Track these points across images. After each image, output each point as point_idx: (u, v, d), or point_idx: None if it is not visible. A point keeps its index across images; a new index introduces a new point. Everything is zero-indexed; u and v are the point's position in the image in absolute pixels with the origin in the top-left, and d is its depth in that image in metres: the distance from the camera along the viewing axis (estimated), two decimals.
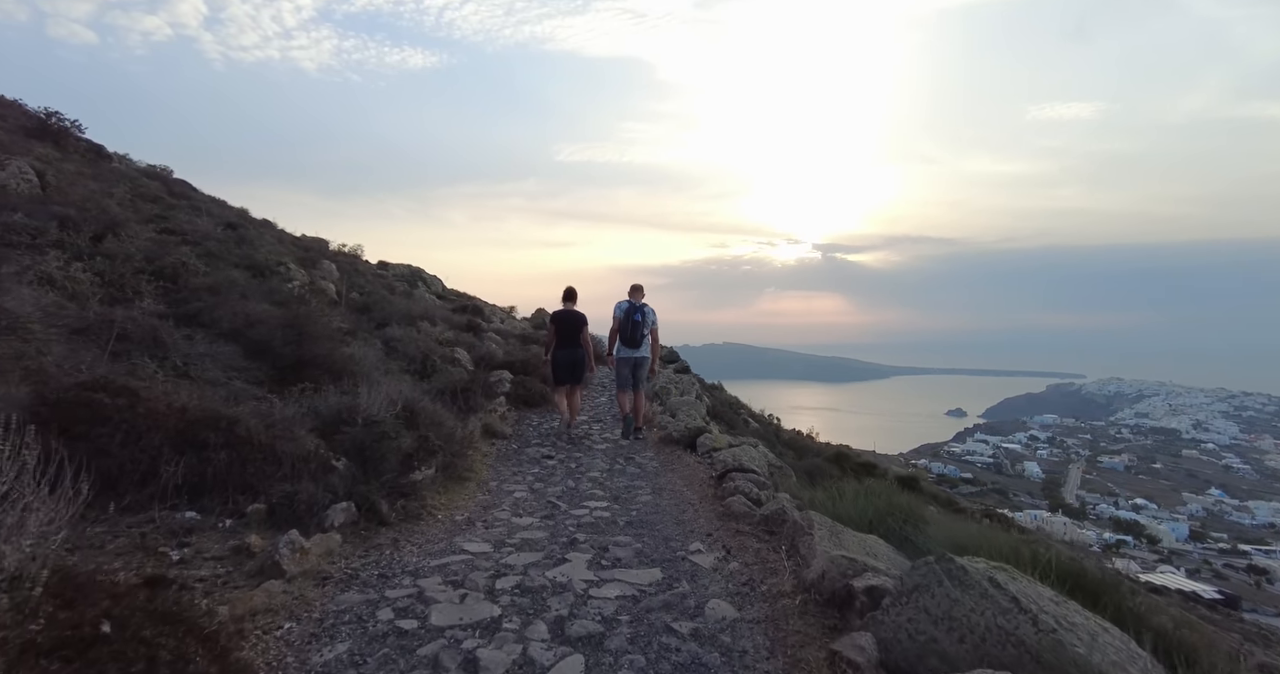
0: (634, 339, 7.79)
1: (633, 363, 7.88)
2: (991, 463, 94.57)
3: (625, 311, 7.81)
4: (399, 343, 10.61)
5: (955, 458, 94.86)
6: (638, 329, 7.73)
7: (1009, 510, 48.72)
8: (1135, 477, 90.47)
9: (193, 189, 16.83)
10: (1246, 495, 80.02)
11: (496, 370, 11.65)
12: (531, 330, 21.06)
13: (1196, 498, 78.35)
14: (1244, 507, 74.63)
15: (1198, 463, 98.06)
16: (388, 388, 7.59)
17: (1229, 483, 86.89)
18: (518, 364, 12.19)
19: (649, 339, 7.90)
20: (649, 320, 7.83)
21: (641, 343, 7.82)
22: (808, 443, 21.58)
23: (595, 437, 8.56)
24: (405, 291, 17.44)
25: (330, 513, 4.31)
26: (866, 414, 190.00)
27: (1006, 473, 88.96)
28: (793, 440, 21.15)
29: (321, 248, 17.31)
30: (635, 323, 7.75)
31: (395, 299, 14.26)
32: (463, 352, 12.42)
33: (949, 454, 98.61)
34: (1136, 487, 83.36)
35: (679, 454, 7.34)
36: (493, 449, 7.61)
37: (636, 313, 7.76)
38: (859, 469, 18.11)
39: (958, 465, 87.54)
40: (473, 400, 9.37)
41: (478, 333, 14.48)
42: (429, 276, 22.09)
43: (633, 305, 7.80)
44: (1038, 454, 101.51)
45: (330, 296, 13.37)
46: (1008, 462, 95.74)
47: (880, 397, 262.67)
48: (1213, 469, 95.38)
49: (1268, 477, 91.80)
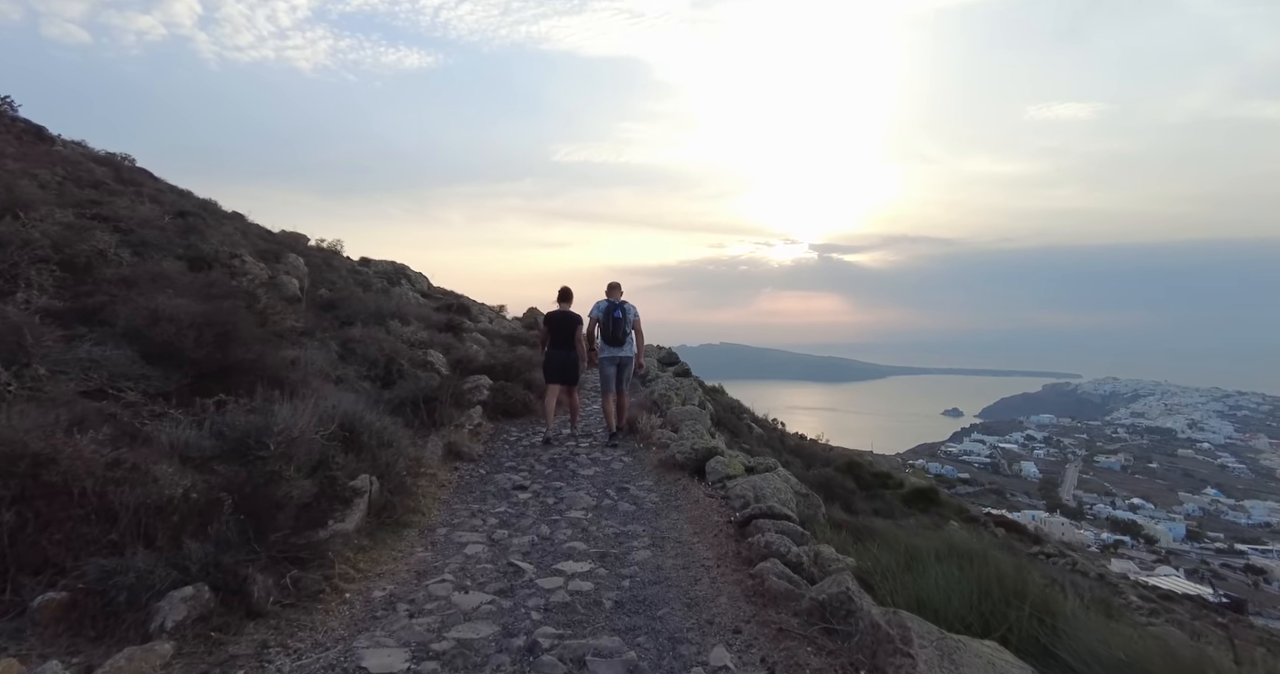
0: (616, 337, 7.41)
1: (617, 362, 7.55)
2: (988, 463, 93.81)
3: (605, 310, 7.45)
4: (358, 345, 9.09)
5: (952, 458, 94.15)
6: (619, 326, 7.37)
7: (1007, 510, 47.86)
8: (1132, 476, 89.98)
9: (151, 177, 15.29)
10: (1242, 495, 79.68)
11: (474, 375, 10.12)
12: (522, 330, 19.54)
13: (1193, 497, 78.01)
14: (1240, 506, 74.51)
15: (1193, 462, 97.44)
16: (323, 399, 6.08)
17: (1224, 482, 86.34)
18: (499, 368, 10.67)
19: (633, 336, 7.56)
20: (630, 317, 7.48)
21: (625, 340, 7.47)
22: (814, 449, 20.04)
23: (582, 458, 7.02)
24: (383, 289, 15.91)
25: (163, 605, 2.79)
26: (864, 414, 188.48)
27: (1003, 473, 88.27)
28: (799, 447, 19.60)
29: (292, 242, 15.77)
30: (616, 320, 7.37)
31: (368, 296, 12.73)
32: (437, 354, 10.89)
33: (946, 454, 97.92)
34: (1133, 486, 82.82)
35: (684, 483, 5.81)
36: (454, 477, 6.08)
37: (616, 310, 7.39)
38: (874, 480, 16.58)
39: (955, 465, 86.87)
40: (439, 412, 7.85)
41: (458, 333, 12.95)
42: (414, 274, 20.54)
43: (612, 303, 7.44)
44: (1034, 454, 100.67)
45: (292, 293, 11.85)
46: (1005, 461, 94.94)
47: (877, 396, 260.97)
48: (1208, 468, 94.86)
49: (1263, 476, 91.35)
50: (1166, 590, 24.26)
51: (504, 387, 9.83)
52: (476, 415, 8.64)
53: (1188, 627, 14.54)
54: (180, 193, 15.36)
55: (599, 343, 7.69)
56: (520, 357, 11.24)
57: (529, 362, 10.99)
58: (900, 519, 14.50)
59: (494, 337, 16.17)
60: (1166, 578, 33.88)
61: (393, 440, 6.21)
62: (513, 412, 9.49)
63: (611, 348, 7.52)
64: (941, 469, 78.90)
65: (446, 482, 5.85)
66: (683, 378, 15.21)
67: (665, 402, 9.50)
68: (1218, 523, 68.88)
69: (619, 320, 7.39)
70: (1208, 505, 75.88)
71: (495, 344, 15.09)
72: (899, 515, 14.57)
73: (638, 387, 13.01)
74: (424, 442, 6.69)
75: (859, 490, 15.17)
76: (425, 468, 5.86)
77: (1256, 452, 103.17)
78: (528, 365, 10.78)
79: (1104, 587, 15.94)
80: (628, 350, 7.57)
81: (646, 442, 7.48)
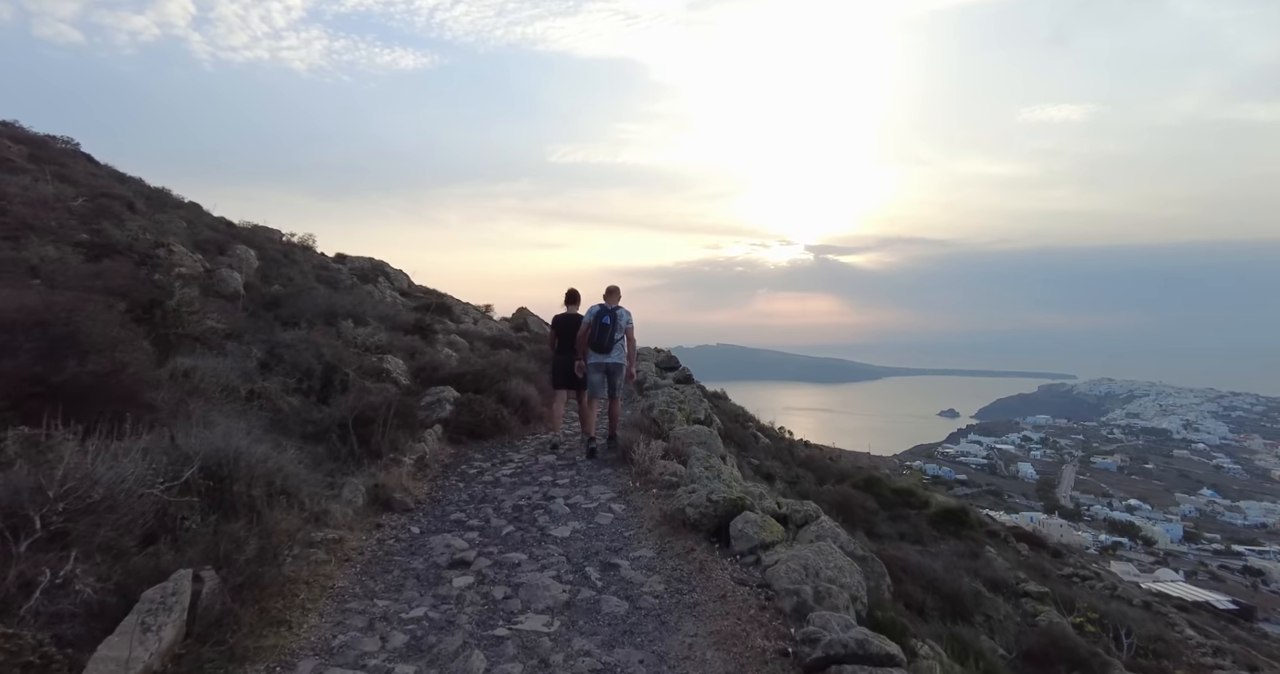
0: (602, 344, 6.94)
1: (605, 369, 7.07)
2: (985, 464, 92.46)
3: (595, 315, 7.01)
4: (289, 350, 7.19)
5: (949, 459, 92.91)
6: (606, 333, 6.93)
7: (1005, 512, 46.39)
8: (1128, 477, 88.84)
9: (89, 161, 13.38)
10: (1238, 495, 78.82)
11: (437, 387, 8.23)
12: (510, 332, 17.67)
13: (1189, 498, 77.06)
14: (1235, 507, 73.77)
15: (1189, 463, 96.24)
16: (201, 429, 4.23)
17: (1220, 483, 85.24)
18: (470, 377, 8.77)
19: (622, 343, 7.11)
20: (621, 323, 7.04)
21: (613, 347, 6.99)
22: (825, 462, 18.13)
23: (558, 502, 5.10)
24: (351, 286, 14.02)
25: None
26: (860, 415, 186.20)
27: (1000, 474, 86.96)
28: (809, 459, 17.68)
29: (249, 235, 13.87)
30: (604, 326, 6.92)
31: (323, 294, 10.84)
32: (397, 360, 9.00)
33: (943, 455, 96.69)
34: (1129, 487, 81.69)
35: (700, 557, 3.89)
36: (371, 541, 4.18)
37: (606, 316, 6.96)
38: (896, 498, 14.69)
39: (952, 466, 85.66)
40: (379, 438, 5.96)
41: (427, 335, 11.05)
42: (393, 271, 18.65)
43: (604, 308, 7.03)
44: (1031, 455, 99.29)
45: (233, 289, 9.97)
46: (1001, 462, 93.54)
47: (873, 397, 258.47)
48: (1204, 469, 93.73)
49: (1258, 476, 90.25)
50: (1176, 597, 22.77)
51: (473, 401, 7.93)
52: (432, 439, 6.75)
53: None
54: (123, 179, 13.47)
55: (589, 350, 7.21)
56: (496, 363, 9.35)
57: (505, 368, 9.13)
58: (931, 544, 12.63)
59: (475, 339, 14.29)
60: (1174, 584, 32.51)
61: (289, 487, 4.34)
62: (481, 432, 7.59)
63: (598, 355, 7.00)
64: (939, 470, 77.87)
65: (356, 551, 3.96)
66: (684, 385, 13.34)
67: (667, 419, 7.60)
68: (1214, 524, 67.62)
69: (606, 326, 6.96)
70: (1204, 506, 74.97)
71: (475, 347, 13.22)
72: (928, 540, 12.72)
73: (634, 397, 11.13)
74: (342, 485, 4.82)
75: (881, 510, 13.30)
76: (326, 531, 3.99)
77: (1251, 452, 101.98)
78: (504, 373, 8.91)
79: (1153, 617, 14.04)
80: (616, 357, 7.07)
81: (644, 478, 5.57)
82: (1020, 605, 10.07)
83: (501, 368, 9.14)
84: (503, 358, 9.79)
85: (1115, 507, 71.30)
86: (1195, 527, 64.10)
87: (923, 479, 53.37)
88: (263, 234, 16.39)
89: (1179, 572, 42.51)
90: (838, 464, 17.23)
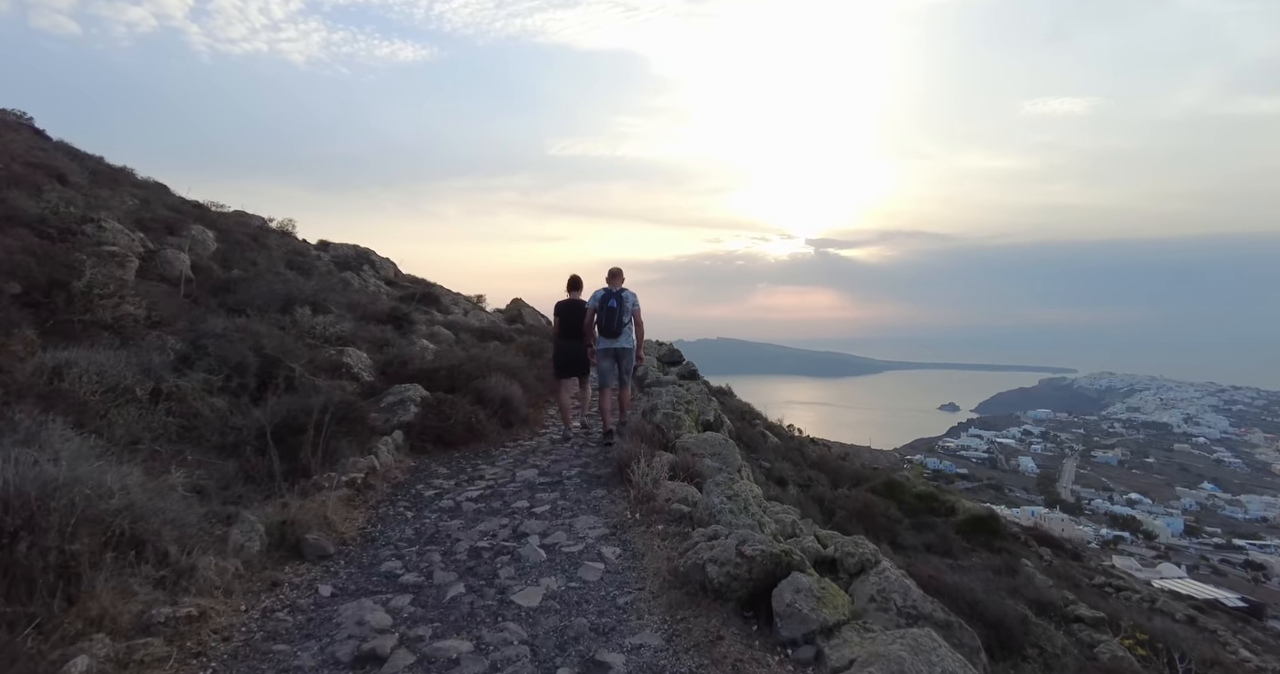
0: (611, 328, 6.63)
1: (613, 354, 6.76)
2: (986, 458, 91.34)
3: (600, 298, 6.70)
4: (217, 341, 5.85)
5: (950, 453, 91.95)
6: (614, 316, 6.61)
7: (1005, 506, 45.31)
8: (1129, 471, 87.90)
9: (39, 135, 12.02)
10: (1239, 489, 78.01)
11: (403, 384, 6.89)
12: (502, 324, 16.32)
13: (1190, 492, 76.21)
14: (1236, 501, 72.76)
15: (1189, 457, 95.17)
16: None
17: (1221, 477, 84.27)
18: (443, 373, 7.41)
19: (630, 327, 6.79)
20: (628, 305, 6.71)
21: (621, 331, 6.69)
22: (837, 463, 16.76)
23: (531, 544, 3.75)
24: (327, 272, 12.67)
25: None
26: (859, 409, 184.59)
27: (1001, 468, 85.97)
28: (821, 460, 16.33)
29: (214, 216, 12.51)
30: (611, 309, 6.60)
31: (293, 278, 9.49)
32: (360, 354, 7.65)
33: (943, 449, 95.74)
34: (1130, 481, 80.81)
35: (729, 648, 2.54)
36: (250, 614, 2.85)
37: (612, 299, 6.65)
38: (920, 504, 13.37)
39: (953, 460, 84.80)
40: (307, 451, 4.63)
41: (403, 325, 9.70)
42: (379, 259, 17.30)
43: (608, 291, 6.73)
44: (1031, 449, 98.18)
45: (179, 272, 8.62)
46: (1002, 456, 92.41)
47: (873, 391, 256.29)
48: (1204, 463, 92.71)
49: (1258, 470, 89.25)
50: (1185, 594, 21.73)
51: (443, 401, 6.58)
52: (387, 450, 5.41)
53: None
54: (77, 155, 12.12)
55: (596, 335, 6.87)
56: (476, 357, 7.99)
57: (486, 363, 7.78)
58: (961, 557, 11.32)
59: (462, 330, 12.95)
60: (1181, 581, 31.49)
61: (143, 532, 3.00)
62: (451, 439, 6.25)
63: (606, 339, 6.69)
64: (940, 464, 77.18)
65: (221, 635, 2.63)
66: (689, 382, 11.97)
67: (673, 425, 6.24)
68: (1215, 518, 66.55)
69: (613, 309, 6.61)
70: (1205, 500, 74.20)
71: (461, 340, 11.88)
72: (958, 552, 11.39)
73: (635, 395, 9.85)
74: (234, 523, 3.49)
75: (904, 518, 11.97)
76: (182, 602, 2.68)
77: (1252, 446, 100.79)
78: (484, 368, 7.56)
79: (1203, 636, 12.72)
80: (625, 341, 6.75)
81: (646, 507, 4.22)
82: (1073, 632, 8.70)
83: (481, 362, 7.78)
84: (485, 351, 8.44)
85: (1116, 501, 70.60)
86: (1196, 521, 63.07)
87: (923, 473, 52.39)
88: (236, 218, 15.05)
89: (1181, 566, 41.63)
90: (850, 465, 15.87)
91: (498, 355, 8.37)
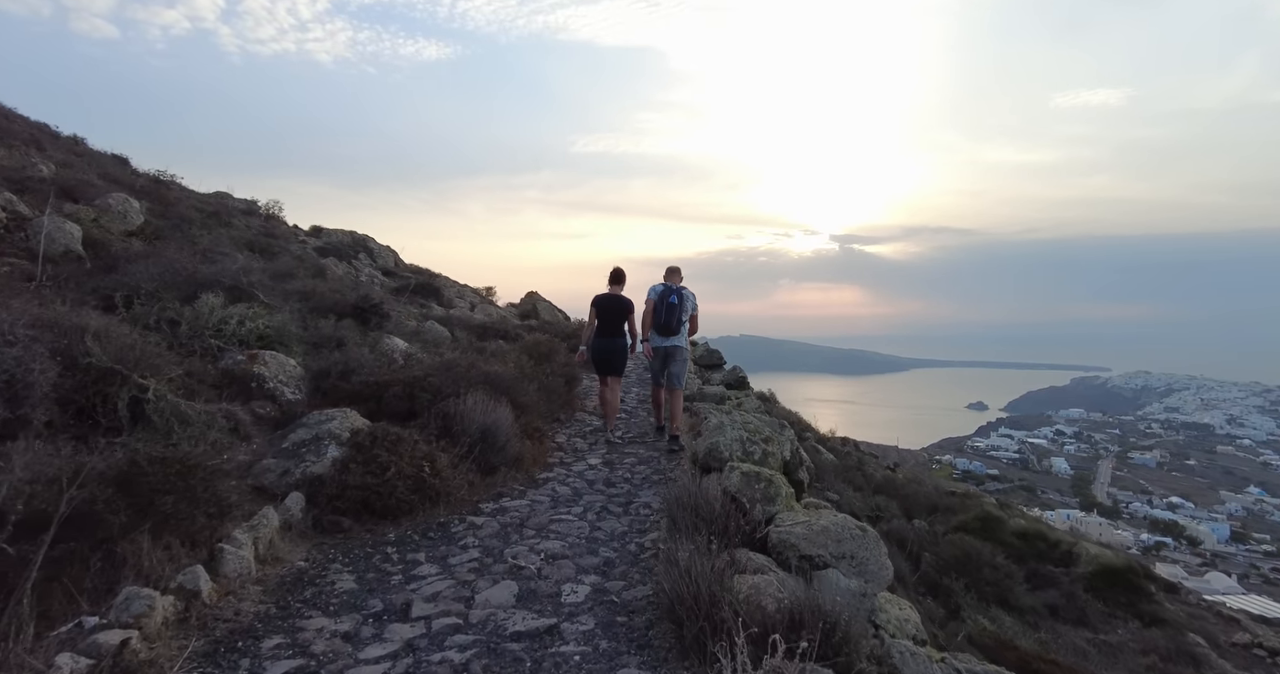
0: (668, 326, 6.10)
1: (664, 353, 6.24)
2: (1017, 458, 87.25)
3: (660, 294, 6.20)
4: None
5: (979, 453, 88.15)
6: (674, 314, 6.09)
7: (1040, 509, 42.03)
8: (1168, 473, 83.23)
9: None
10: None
11: (331, 410, 4.39)
12: (515, 320, 13.84)
13: (1235, 496, 71.52)
14: None
15: (1234, 460, 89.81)
16: None
17: (1268, 481, 79.10)
18: (399, 389, 4.89)
19: (687, 326, 6.26)
20: (688, 305, 6.22)
21: (679, 330, 6.17)
22: (909, 486, 13.83)
23: None
24: (300, 257, 10.28)
25: None
26: (885, 407, 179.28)
27: (1033, 469, 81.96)
28: (887, 482, 13.44)
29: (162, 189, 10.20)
30: (671, 306, 6.10)
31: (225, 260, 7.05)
32: (283, 360, 5.15)
33: (973, 449, 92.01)
34: (1170, 484, 76.26)
35: None
36: None
37: (672, 295, 6.13)
38: (1024, 545, 10.44)
39: (983, 461, 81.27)
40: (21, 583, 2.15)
41: (369, 320, 7.21)
42: (378, 247, 14.95)
43: (668, 288, 6.23)
44: (1064, 449, 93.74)
45: (64, 247, 6.26)
46: (1034, 457, 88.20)
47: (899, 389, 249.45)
48: (1250, 466, 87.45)
49: None
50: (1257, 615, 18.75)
51: (386, 438, 4.05)
52: (254, 542, 2.91)
53: None
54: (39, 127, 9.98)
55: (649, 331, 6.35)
56: (454, 364, 5.43)
57: (466, 374, 5.23)
58: (1102, 626, 8.45)
59: (460, 327, 10.48)
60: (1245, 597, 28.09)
61: None
62: (387, 505, 3.71)
63: (661, 337, 6.19)
64: (970, 465, 73.90)
65: None
66: (738, 392, 9.26)
67: (760, 492, 3.57)
68: (1263, 523, 61.65)
69: (674, 306, 6.13)
70: (1251, 505, 69.30)
71: (457, 338, 9.41)
72: (1095, 618, 8.53)
73: None
74: None
75: (1013, 565, 9.09)
76: None
77: None
78: (460, 380, 5.01)
79: None
80: (679, 340, 6.22)
81: None
82: None
83: (459, 373, 5.21)
84: (467, 358, 5.88)
85: (1156, 504, 65.03)
86: (1243, 526, 58.70)
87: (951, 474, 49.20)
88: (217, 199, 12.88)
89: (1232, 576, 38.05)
90: (922, 489, 12.96)
91: (484, 362, 5.81)
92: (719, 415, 5.21)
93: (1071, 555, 9.74)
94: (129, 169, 11.08)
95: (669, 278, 6.42)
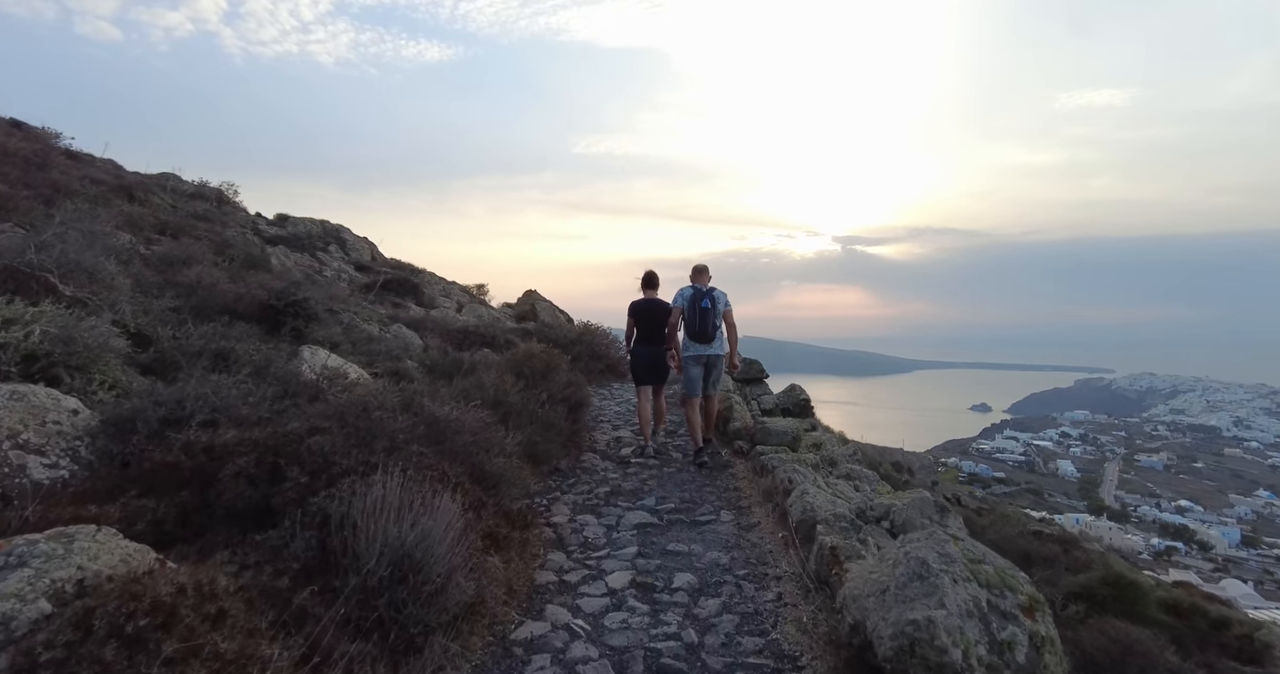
0: (705, 332, 5.61)
1: (705, 361, 5.74)
2: (1023, 461, 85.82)
3: (690, 298, 5.65)
4: None
5: (985, 455, 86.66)
6: (709, 319, 5.59)
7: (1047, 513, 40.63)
8: (1176, 476, 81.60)
9: None
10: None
11: (71, 527, 3.03)
12: (509, 322, 12.47)
13: (1244, 500, 70.14)
14: None
15: (1242, 462, 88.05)
16: None
17: (1277, 484, 77.50)
18: (249, 463, 2.92)
19: (723, 329, 5.73)
20: (720, 307, 5.66)
21: (715, 335, 5.67)
22: (994, 528, 10.90)
23: None
24: (218, 242, 8.99)
25: None
26: (889, 408, 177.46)
27: (1039, 471, 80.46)
28: (977, 518, 10.29)
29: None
30: (704, 311, 5.57)
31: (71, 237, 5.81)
32: (61, 399, 3.62)
33: (978, 451, 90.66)
34: (1178, 487, 74.67)
35: None
36: None
37: (704, 299, 5.61)
38: (1183, 623, 6.26)
39: (988, 463, 79.70)
40: None
41: (279, 325, 5.89)
42: (352, 239, 13.67)
43: (698, 290, 5.67)
44: (1070, 452, 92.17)
45: None
46: (1040, 459, 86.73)
47: (902, 391, 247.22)
48: (1259, 469, 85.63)
49: None
50: None
51: (146, 623, 2.63)
52: None
53: None
54: None
55: (683, 339, 5.95)
56: (379, 402, 4.07)
57: (385, 427, 3.89)
58: None
59: (435, 332, 9.19)
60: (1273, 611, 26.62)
61: None
62: None
63: (698, 345, 5.70)
64: (975, 468, 72.61)
65: None
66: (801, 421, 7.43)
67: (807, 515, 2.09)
68: (1273, 527, 59.70)
69: (706, 311, 5.61)
70: (1261, 508, 65.87)
71: (429, 348, 8.12)
72: None
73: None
74: None
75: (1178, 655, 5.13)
76: None
77: None
78: (392, 433, 3.59)
79: None
80: (718, 347, 5.75)
81: None
82: None
83: (380, 421, 3.60)
84: (387, 393, 4.35)
85: (1164, 508, 63.08)
86: (1253, 530, 56.94)
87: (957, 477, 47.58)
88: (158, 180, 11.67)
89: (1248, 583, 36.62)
90: (1010, 529, 9.34)
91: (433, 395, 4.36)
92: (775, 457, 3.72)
93: (1246, 636, 6.17)
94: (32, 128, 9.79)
95: (696, 278, 5.92)
